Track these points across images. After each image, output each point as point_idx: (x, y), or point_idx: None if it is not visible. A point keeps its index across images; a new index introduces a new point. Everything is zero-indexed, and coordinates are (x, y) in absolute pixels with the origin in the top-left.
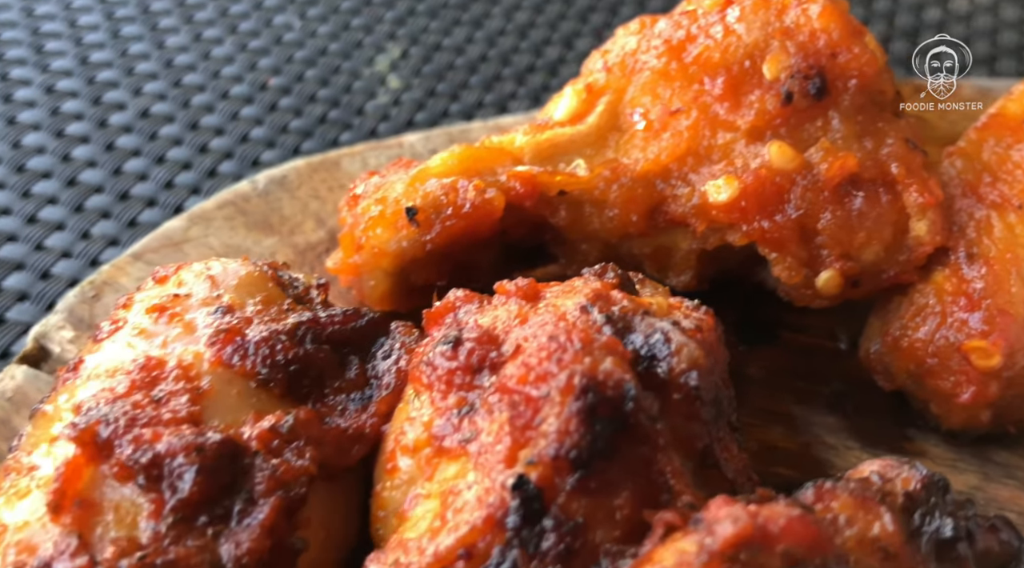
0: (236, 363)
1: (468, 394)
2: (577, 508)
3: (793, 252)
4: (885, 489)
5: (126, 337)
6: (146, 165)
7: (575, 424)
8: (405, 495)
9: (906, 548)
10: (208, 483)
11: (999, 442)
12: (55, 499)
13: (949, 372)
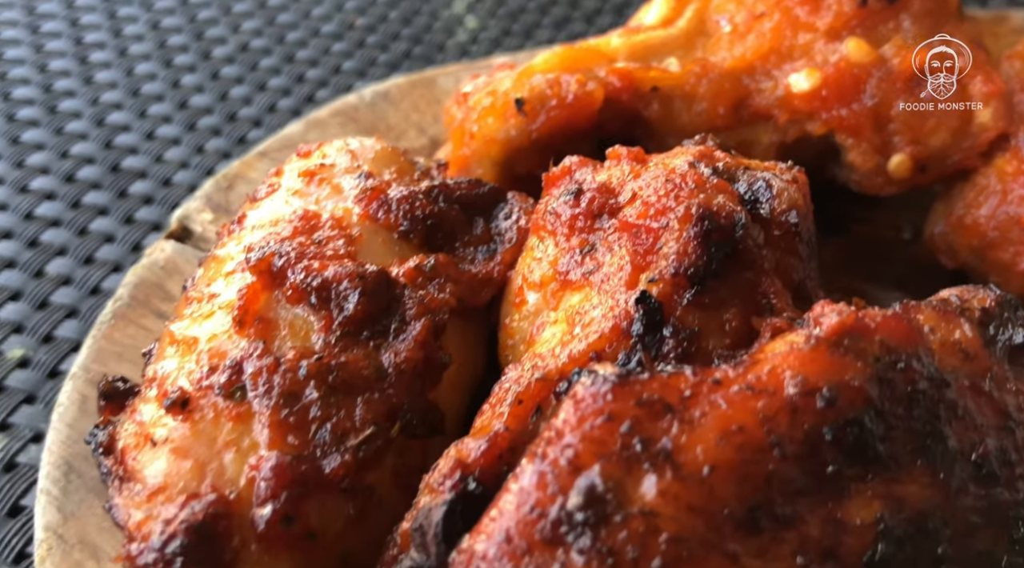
0: (380, 217)
1: (589, 236)
2: (692, 319)
3: (868, 138)
4: (963, 306)
5: (283, 196)
6: (249, 92)
7: (693, 246)
8: (532, 324)
9: (984, 351)
10: (369, 304)
11: None
12: (239, 315)
13: (1009, 243)
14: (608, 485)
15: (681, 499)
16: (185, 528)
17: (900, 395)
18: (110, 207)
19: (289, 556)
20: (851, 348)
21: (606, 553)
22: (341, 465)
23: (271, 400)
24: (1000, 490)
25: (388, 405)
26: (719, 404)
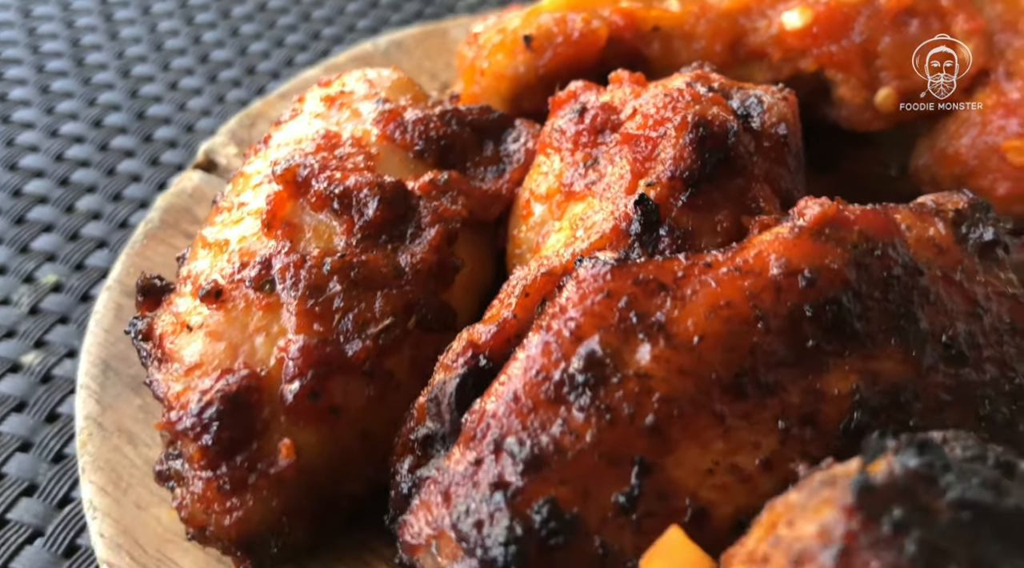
0: (397, 137)
1: (592, 150)
2: (687, 220)
3: (856, 73)
4: (938, 208)
5: (306, 119)
6: (267, 47)
7: (688, 152)
8: (538, 233)
9: (956, 246)
10: (387, 210)
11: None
12: (267, 219)
13: (988, 171)
14: (607, 352)
15: (673, 364)
16: (221, 397)
17: (876, 279)
18: (136, 150)
19: (315, 428)
20: (831, 236)
21: (604, 410)
22: (362, 350)
23: (298, 292)
24: (968, 370)
25: (405, 300)
26: (709, 283)
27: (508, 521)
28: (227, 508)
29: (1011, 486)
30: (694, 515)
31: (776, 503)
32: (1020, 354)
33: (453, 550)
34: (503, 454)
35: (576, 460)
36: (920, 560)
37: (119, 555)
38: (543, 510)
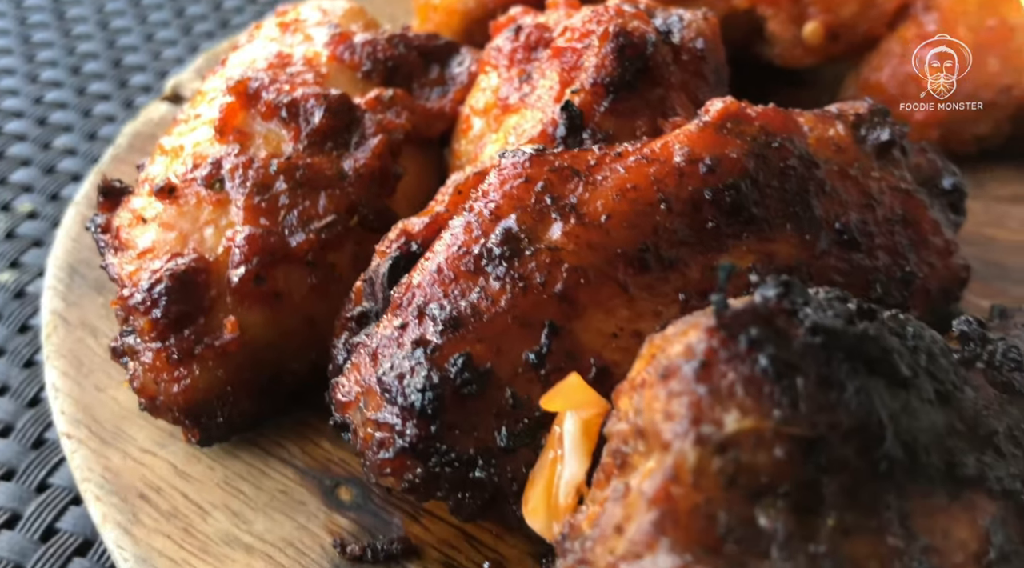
0: (346, 58)
1: (527, 66)
2: (608, 125)
3: (785, 8)
4: (840, 113)
5: (261, 42)
6: None
7: (609, 60)
8: (476, 146)
9: (854, 145)
10: (332, 119)
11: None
12: (219, 126)
13: (907, 98)
14: (522, 229)
15: (582, 239)
16: (170, 275)
17: (774, 169)
18: (111, 94)
19: (259, 310)
20: (733, 130)
21: (518, 279)
22: (305, 242)
23: (246, 189)
24: (861, 256)
25: (348, 201)
26: (618, 169)
27: (426, 372)
28: (175, 377)
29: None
30: (598, 373)
31: (654, 336)
32: (911, 244)
33: (378, 402)
34: (425, 318)
35: (491, 322)
36: (770, 373)
37: (78, 428)
38: (458, 363)
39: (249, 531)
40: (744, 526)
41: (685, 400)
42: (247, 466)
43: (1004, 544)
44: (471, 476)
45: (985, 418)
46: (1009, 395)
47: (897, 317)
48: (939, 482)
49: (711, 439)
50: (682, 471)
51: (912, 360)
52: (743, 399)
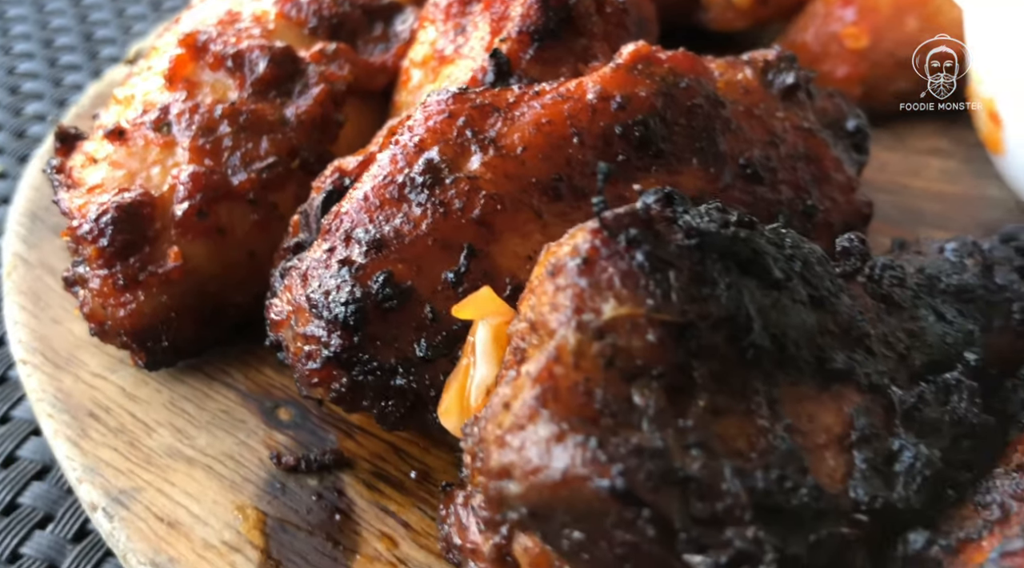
0: (293, 15)
1: (462, 19)
2: (533, 71)
3: None
4: (750, 59)
5: (213, 2)
6: None
7: (534, 10)
8: (415, 96)
9: (760, 88)
10: (276, 69)
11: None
12: (169, 75)
13: (829, 56)
14: (444, 159)
15: (499, 169)
16: (116, 207)
17: (681, 107)
18: (82, 66)
19: (202, 242)
20: (643, 71)
21: (439, 205)
22: (247, 181)
23: (191, 132)
24: (764, 189)
25: (289, 145)
26: (535, 106)
27: (350, 288)
28: (121, 302)
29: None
30: (512, 291)
31: (550, 244)
32: (814, 179)
33: (306, 317)
34: (351, 241)
35: (412, 244)
36: (646, 268)
37: (34, 355)
38: (380, 279)
39: (191, 445)
40: (619, 402)
41: (569, 292)
42: (192, 389)
43: (866, 429)
44: (392, 384)
45: (860, 323)
46: (887, 306)
47: (777, 230)
48: (809, 373)
49: (590, 325)
50: (564, 353)
51: (787, 266)
52: (620, 290)
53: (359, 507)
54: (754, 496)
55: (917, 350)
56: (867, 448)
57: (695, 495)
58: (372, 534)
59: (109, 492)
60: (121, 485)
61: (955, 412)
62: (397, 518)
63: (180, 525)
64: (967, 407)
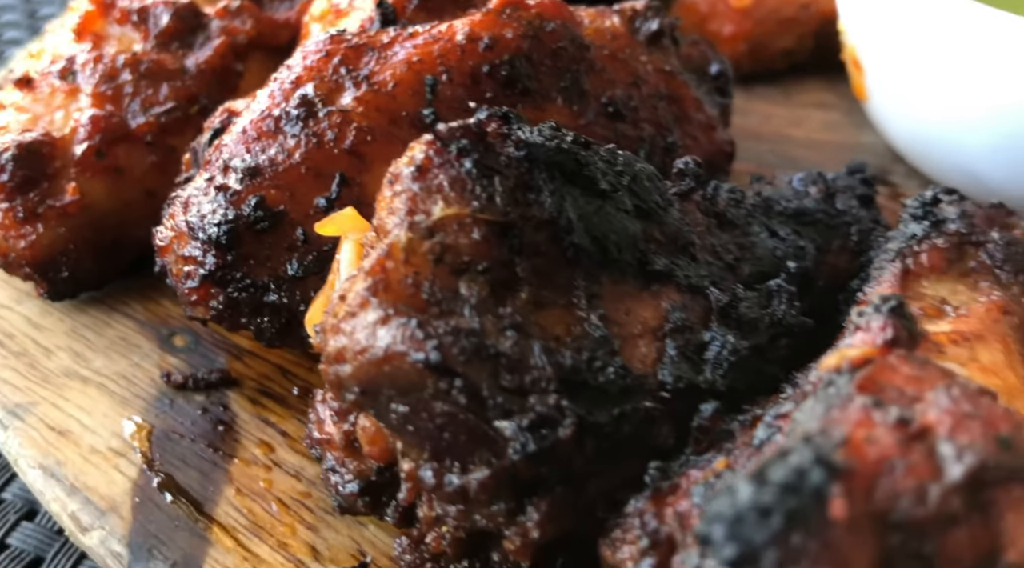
0: None
1: None
2: (418, 20)
3: None
4: (619, 8)
5: None
6: None
7: None
8: None
9: (627, 34)
10: (179, 22)
11: (761, 79)
12: (77, 30)
13: (716, 16)
14: (318, 94)
15: (371, 103)
16: (16, 145)
17: (546, 49)
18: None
19: (101, 180)
20: (512, 15)
21: (312, 136)
22: (146, 124)
23: (95, 80)
24: (626, 126)
25: (188, 93)
26: (408, 47)
27: (224, 211)
28: (22, 234)
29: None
30: None
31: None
32: (675, 119)
33: (185, 240)
34: (229, 170)
35: (286, 172)
36: (473, 174)
37: None
38: (252, 203)
39: (88, 367)
40: (446, 293)
41: (403, 196)
42: (93, 319)
43: (680, 321)
44: (266, 300)
45: (687, 234)
46: (720, 222)
47: (612, 150)
48: (631, 274)
49: (421, 225)
50: (395, 249)
51: (615, 179)
52: (448, 193)
53: (241, 419)
54: (561, 372)
55: (747, 261)
56: (679, 338)
57: (505, 369)
58: (251, 441)
59: (6, 406)
60: (17, 400)
61: (774, 314)
62: (276, 428)
63: (70, 434)
64: (786, 310)
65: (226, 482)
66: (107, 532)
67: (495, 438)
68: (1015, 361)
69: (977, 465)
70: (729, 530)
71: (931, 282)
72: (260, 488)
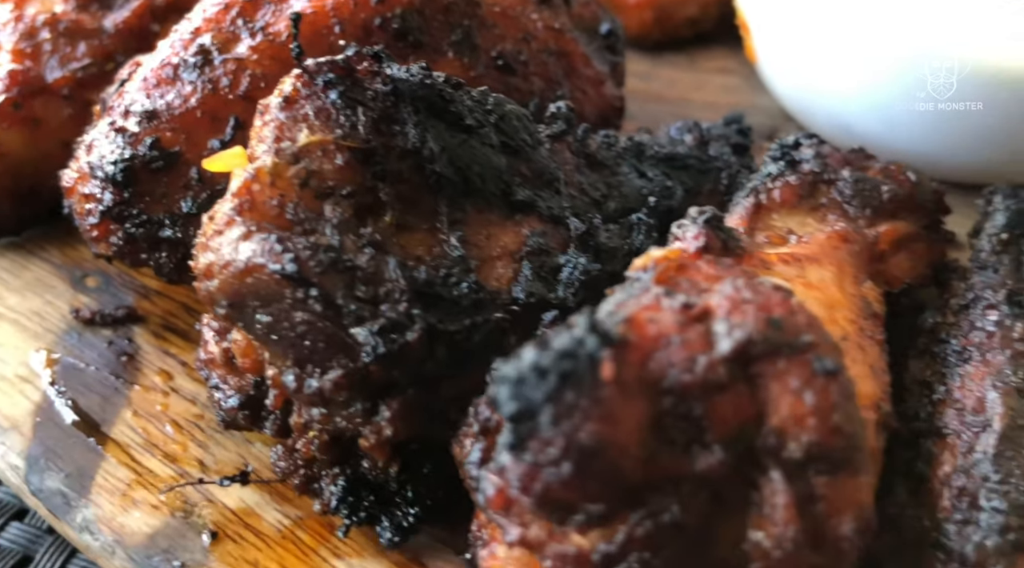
0: None
1: None
2: None
3: None
4: None
5: None
6: None
7: None
8: None
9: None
10: None
11: (670, 47)
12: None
13: None
14: (215, 44)
15: (265, 53)
16: None
17: (438, 5)
18: None
19: (18, 130)
20: None
21: (208, 82)
22: (63, 78)
23: (15, 38)
24: (517, 79)
25: (105, 51)
26: (303, 0)
27: (120, 151)
28: None
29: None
30: None
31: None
32: (564, 73)
33: (86, 180)
34: (129, 114)
35: (182, 115)
36: (338, 104)
37: None
38: (147, 143)
39: (3, 305)
40: (310, 214)
41: (271, 125)
42: (11, 262)
43: (538, 245)
44: (162, 236)
45: (553, 170)
46: (590, 163)
47: (484, 92)
48: (496, 204)
49: (286, 151)
50: (261, 173)
51: (482, 117)
52: (313, 122)
53: (144, 351)
54: (415, 284)
55: (614, 198)
56: (536, 260)
57: (360, 280)
58: (152, 370)
59: None
60: None
61: (633, 243)
62: (177, 359)
63: None
64: (643, 240)
65: (125, 406)
66: (7, 447)
67: (351, 345)
68: (846, 281)
69: (745, 340)
70: (511, 390)
71: (781, 215)
72: (157, 411)
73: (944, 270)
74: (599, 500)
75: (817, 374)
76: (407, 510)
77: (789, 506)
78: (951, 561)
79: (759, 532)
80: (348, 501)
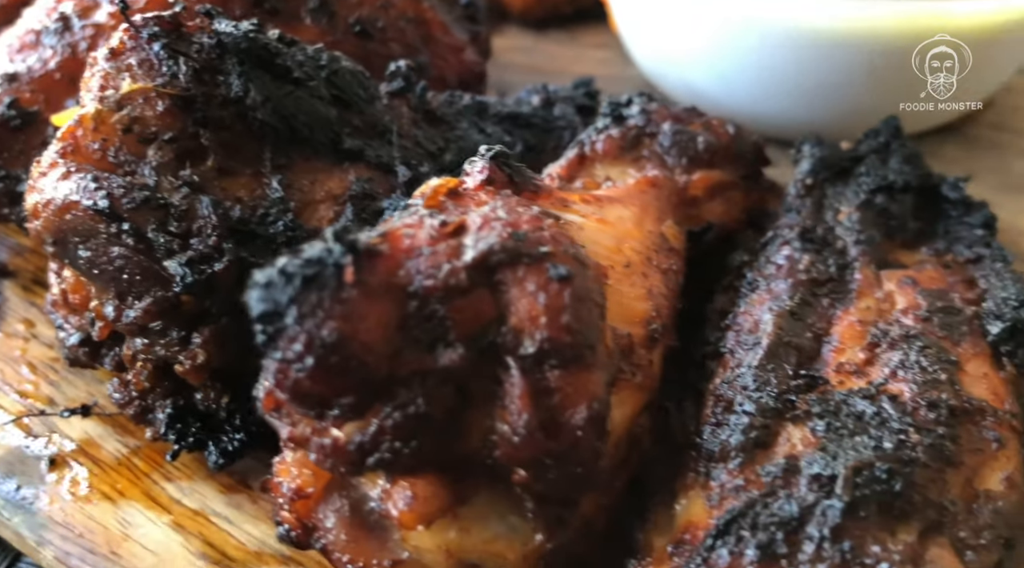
0: None
1: None
2: None
3: None
4: None
5: None
6: None
7: None
8: None
9: None
10: None
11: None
12: None
13: None
14: (75, 11)
15: (120, 20)
16: None
17: None
18: None
19: None
20: None
21: (67, 46)
22: None
23: None
24: (375, 45)
25: None
26: None
27: None
28: None
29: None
30: None
31: None
32: (423, 40)
33: None
34: None
35: (42, 78)
36: (161, 55)
37: None
38: (6, 102)
39: None
40: (131, 157)
41: (97, 76)
42: None
43: (363, 190)
44: (20, 190)
45: (388, 123)
46: (428, 119)
47: (319, 49)
48: (324, 152)
49: (109, 99)
50: (85, 119)
51: (312, 71)
52: (136, 71)
53: (12, 302)
54: (228, 221)
55: (451, 151)
56: (359, 203)
57: (173, 217)
58: (16, 319)
59: None
60: None
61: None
62: (41, 309)
63: None
64: None
65: None
66: None
67: (165, 277)
68: (647, 220)
69: (487, 249)
70: (260, 293)
71: (604, 166)
72: (15, 355)
73: (761, 216)
74: (348, 393)
75: (552, 280)
76: (233, 436)
77: (524, 396)
78: (700, 458)
79: (504, 424)
80: (176, 427)
